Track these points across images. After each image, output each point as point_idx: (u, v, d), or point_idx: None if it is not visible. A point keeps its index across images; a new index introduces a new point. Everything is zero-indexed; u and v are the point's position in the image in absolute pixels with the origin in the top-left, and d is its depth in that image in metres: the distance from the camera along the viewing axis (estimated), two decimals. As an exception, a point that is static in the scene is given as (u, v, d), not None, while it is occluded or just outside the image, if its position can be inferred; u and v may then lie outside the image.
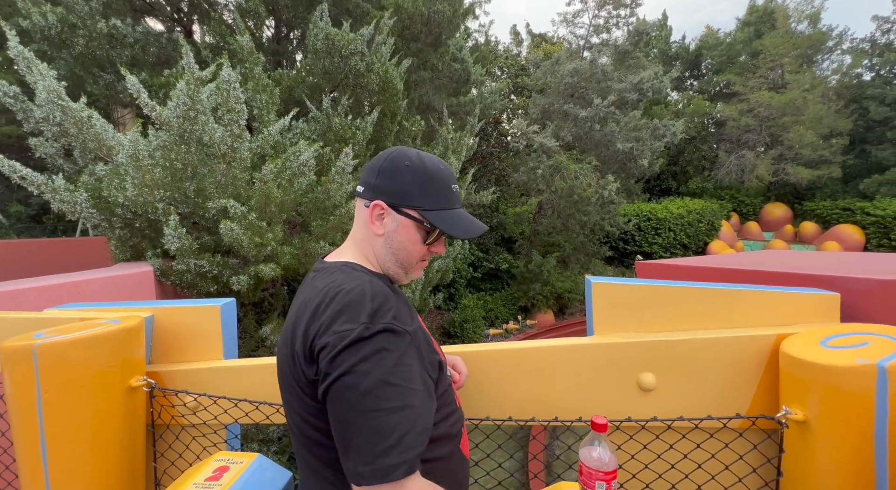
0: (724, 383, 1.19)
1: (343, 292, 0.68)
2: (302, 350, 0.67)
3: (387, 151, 0.80)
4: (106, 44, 5.09)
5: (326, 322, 0.65)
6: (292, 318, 0.72)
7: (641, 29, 11.62)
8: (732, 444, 1.12)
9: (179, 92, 3.47)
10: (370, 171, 0.79)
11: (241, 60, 4.83)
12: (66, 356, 1.07)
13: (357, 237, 0.82)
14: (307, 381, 0.67)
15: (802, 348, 1.04)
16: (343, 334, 0.63)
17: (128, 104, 6.12)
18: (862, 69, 16.03)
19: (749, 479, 1.11)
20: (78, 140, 3.74)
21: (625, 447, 1.18)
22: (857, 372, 0.91)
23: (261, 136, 4.22)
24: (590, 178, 9.96)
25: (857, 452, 0.92)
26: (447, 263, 7.36)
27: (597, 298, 1.31)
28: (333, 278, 0.72)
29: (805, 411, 0.99)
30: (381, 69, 5.49)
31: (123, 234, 3.96)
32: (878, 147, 14.81)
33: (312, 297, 0.70)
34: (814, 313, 1.21)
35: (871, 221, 12.76)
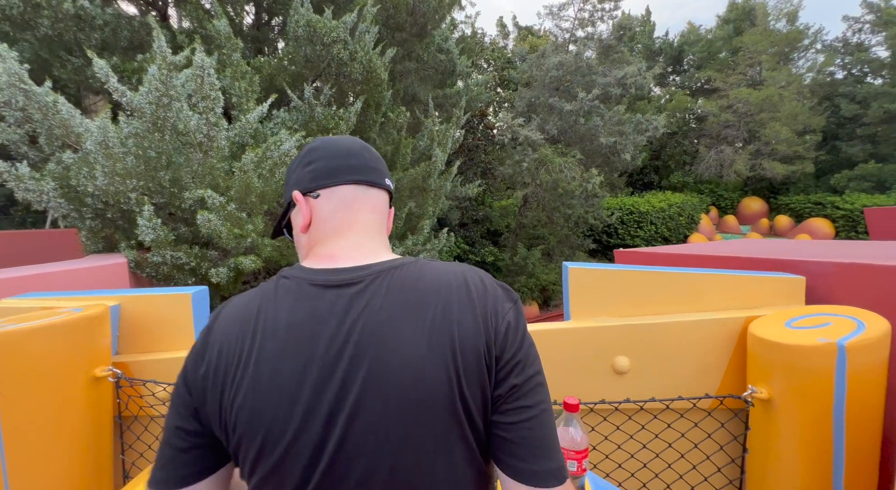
0: (695, 365, 1.22)
1: (476, 273, 0.59)
2: (484, 348, 0.51)
3: (358, 140, 0.71)
4: (73, 26, 4.85)
5: (500, 300, 0.56)
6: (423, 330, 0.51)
7: (625, 23, 11.71)
8: (702, 423, 1.15)
9: (151, 77, 3.34)
10: (383, 162, 0.70)
11: (218, 46, 4.67)
12: (23, 346, 1.02)
13: (384, 232, 0.68)
14: (483, 390, 0.51)
15: (768, 329, 1.07)
16: (514, 312, 0.56)
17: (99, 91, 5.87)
18: (835, 68, 16.55)
19: (716, 457, 1.14)
20: (43, 126, 3.57)
21: (599, 428, 1.20)
22: (818, 351, 0.94)
23: (239, 124, 4.11)
24: (574, 171, 10.05)
25: (817, 427, 0.96)
26: (433, 256, 7.35)
27: (573, 283, 1.32)
28: (437, 270, 0.58)
29: (770, 390, 1.03)
30: (364, 58, 5.39)
31: (94, 224, 3.82)
32: (848, 143, 15.38)
33: (449, 294, 0.54)
34: (780, 296, 1.25)
35: (841, 215, 13.28)
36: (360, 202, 0.64)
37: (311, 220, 0.64)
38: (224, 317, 0.56)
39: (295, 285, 0.56)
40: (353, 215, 0.63)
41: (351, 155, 0.65)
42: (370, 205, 0.65)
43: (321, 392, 0.49)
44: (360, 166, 0.65)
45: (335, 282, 0.55)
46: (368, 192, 0.65)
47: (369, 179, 0.65)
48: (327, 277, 0.56)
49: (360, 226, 0.63)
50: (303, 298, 0.54)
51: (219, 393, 0.51)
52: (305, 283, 0.56)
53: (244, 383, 0.50)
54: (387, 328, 0.51)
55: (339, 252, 0.60)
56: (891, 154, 14.33)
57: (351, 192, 0.64)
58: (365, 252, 0.61)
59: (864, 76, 16.20)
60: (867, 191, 13.97)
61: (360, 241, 0.62)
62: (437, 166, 6.44)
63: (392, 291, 0.54)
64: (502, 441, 0.51)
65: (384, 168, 0.69)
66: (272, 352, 0.51)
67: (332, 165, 0.64)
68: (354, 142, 0.68)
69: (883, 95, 14.41)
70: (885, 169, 13.95)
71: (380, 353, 0.49)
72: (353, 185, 0.64)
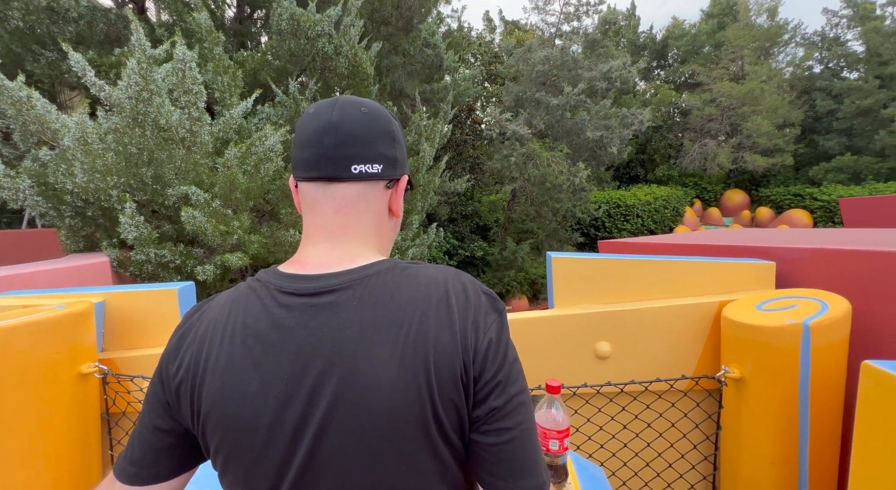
0: (673, 348, 1.27)
1: (460, 281, 0.54)
2: (461, 369, 0.48)
3: (378, 109, 0.58)
4: (46, 18, 4.70)
5: (483, 312, 0.51)
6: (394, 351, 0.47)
7: (610, 18, 11.80)
8: (679, 403, 1.20)
9: (131, 71, 3.27)
10: (386, 140, 0.56)
11: (199, 40, 4.57)
12: (6, 343, 1.01)
13: (369, 230, 0.57)
14: (459, 411, 0.48)
15: (740, 312, 1.12)
16: (498, 325, 0.52)
17: (76, 86, 5.70)
18: (813, 62, 16.95)
19: (693, 435, 1.20)
20: (17, 122, 3.46)
21: (582, 411, 1.25)
22: (785, 331, 1.00)
23: (223, 119, 4.05)
24: (561, 165, 10.14)
25: (785, 402, 1.02)
26: (423, 251, 7.36)
27: (556, 272, 1.36)
28: (415, 279, 0.52)
29: (742, 369, 1.08)
30: (349, 52, 5.33)
31: (74, 223, 3.73)
32: (825, 137, 15.81)
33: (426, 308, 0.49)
34: (752, 281, 1.30)
35: (819, 206, 13.69)
36: (322, 203, 0.55)
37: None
38: (200, 316, 0.54)
39: (265, 291, 0.52)
40: (316, 219, 0.56)
41: (306, 144, 0.54)
42: (333, 205, 0.55)
43: (286, 407, 0.47)
44: (315, 158, 0.53)
45: (303, 291, 0.50)
46: (330, 188, 0.54)
47: (327, 174, 0.53)
48: (296, 285, 0.51)
49: (324, 231, 0.55)
50: (271, 306, 0.50)
51: (189, 395, 0.50)
52: (276, 289, 0.51)
53: (212, 389, 0.48)
54: (357, 345, 0.47)
55: (307, 259, 0.55)
56: (865, 147, 14.78)
57: (312, 190, 0.55)
58: (336, 258, 0.54)
59: (841, 70, 16.63)
60: (843, 182, 14.41)
61: (329, 246, 0.55)
62: (426, 161, 6.44)
63: (364, 304, 0.49)
64: (481, 460, 0.50)
65: (360, 147, 0.54)
66: (237, 360, 0.48)
67: (295, 156, 0.56)
68: (321, 118, 0.54)
69: (856, 91, 14.83)
70: (860, 161, 14.39)
71: (348, 373, 0.46)
72: (312, 183, 0.55)
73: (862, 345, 1.07)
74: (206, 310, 0.55)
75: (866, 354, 1.04)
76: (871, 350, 1.08)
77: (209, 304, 0.56)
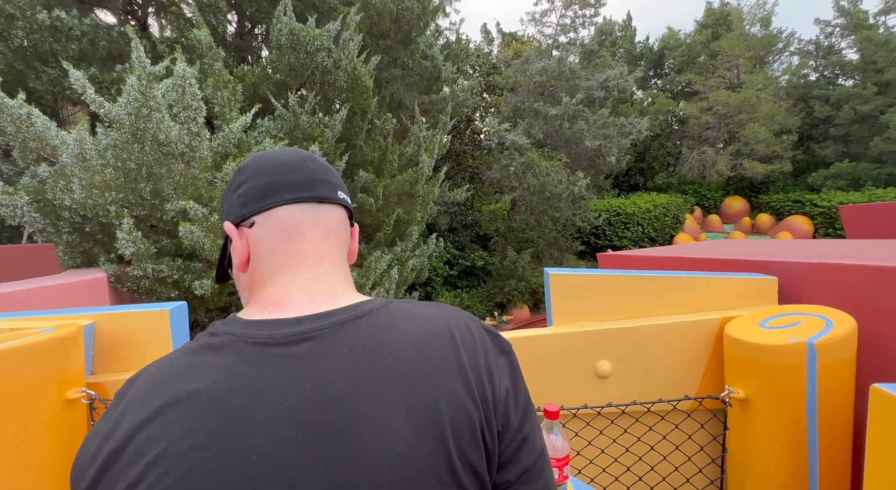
0: (675, 367, 1.24)
1: (462, 319, 0.49)
2: (483, 423, 0.42)
3: (301, 152, 0.57)
4: (49, 36, 4.77)
5: (492, 354, 0.47)
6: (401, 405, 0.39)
7: (606, 29, 11.96)
8: (682, 424, 1.17)
9: (131, 88, 3.29)
10: (334, 173, 0.57)
11: (200, 56, 4.63)
12: (-9, 369, 0.99)
13: (346, 264, 0.55)
14: (481, 477, 0.42)
15: (743, 330, 1.09)
16: (510, 368, 0.48)
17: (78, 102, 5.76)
18: (808, 70, 17.12)
19: (697, 458, 1.16)
20: (17, 139, 3.48)
21: (582, 433, 1.21)
22: (789, 350, 0.97)
23: (222, 134, 4.07)
24: (561, 174, 10.18)
25: (792, 424, 0.99)
26: (423, 262, 7.34)
27: (554, 289, 1.34)
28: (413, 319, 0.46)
29: (746, 389, 1.05)
30: (349, 66, 5.39)
31: (72, 238, 3.73)
32: (822, 144, 15.89)
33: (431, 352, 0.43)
34: (754, 296, 1.28)
35: (819, 212, 13.68)
36: (308, 225, 0.50)
37: (250, 256, 0.51)
38: (135, 392, 0.42)
39: (227, 345, 0.42)
40: (300, 244, 0.50)
41: (289, 168, 0.51)
42: (323, 227, 0.51)
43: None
44: (302, 180, 0.51)
45: (279, 338, 0.42)
46: (318, 210, 0.51)
47: (316, 194, 0.51)
48: (269, 332, 0.43)
49: (311, 257, 0.50)
50: (235, 364, 0.40)
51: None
52: (239, 341, 0.42)
53: (160, 484, 0.36)
54: (351, 404, 0.38)
55: (284, 296, 0.47)
56: (863, 153, 14.83)
57: (293, 213, 0.50)
58: (320, 294, 0.48)
59: (836, 78, 16.79)
60: (843, 188, 14.43)
61: (313, 277, 0.49)
62: (425, 172, 6.46)
63: (357, 351, 0.41)
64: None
65: (337, 180, 0.55)
66: (194, 440, 0.37)
67: (265, 183, 0.50)
68: (294, 152, 0.55)
69: (854, 97, 14.94)
70: (858, 167, 14.43)
71: (342, 441, 0.37)
72: (296, 205, 0.50)
73: (869, 363, 1.04)
74: (140, 383, 0.43)
75: (874, 373, 1.02)
76: (879, 369, 1.05)
77: (143, 374, 0.44)
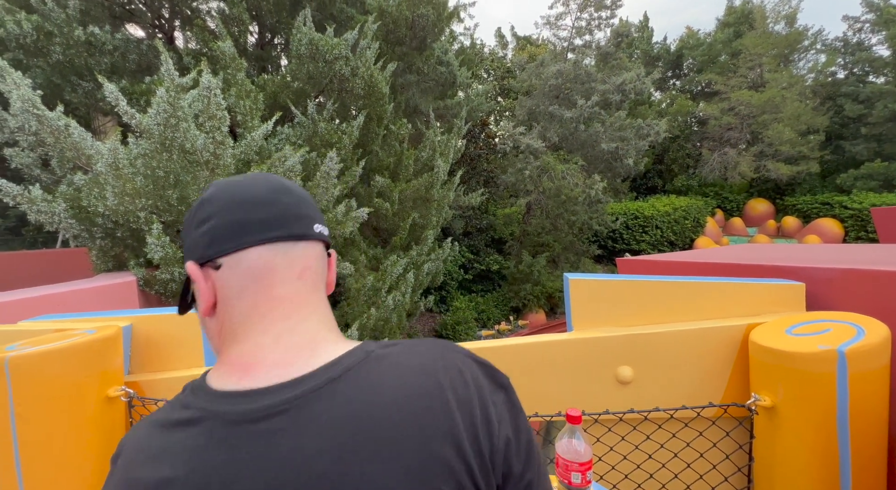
0: (698, 373, 1.22)
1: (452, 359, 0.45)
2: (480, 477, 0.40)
3: (274, 181, 0.51)
4: (84, 51, 5.02)
5: (488, 393, 0.44)
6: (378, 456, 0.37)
7: (622, 30, 11.85)
8: (706, 432, 1.15)
9: (160, 99, 3.44)
10: (310, 203, 0.52)
11: (223, 66, 4.80)
12: (39, 368, 1.06)
13: (326, 303, 0.51)
14: None
15: (769, 337, 1.07)
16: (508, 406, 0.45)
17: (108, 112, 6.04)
18: (836, 68, 16.54)
19: (723, 466, 1.14)
20: (55, 149, 3.67)
21: (604, 439, 1.20)
22: (818, 357, 0.95)
23: (244, 141, 4.20)
24: (576, 178, 10.09)
25: (822, 434, 0.96)
26: (438, 266, 7.38)
27: (574, 295, 1.34)
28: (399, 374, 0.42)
29: (773, 397, 1.03)
30: (365, 73, 5.50)
31: (105, 244, 3.90)
32: (853, 143, 15.28)
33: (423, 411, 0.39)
34: (781, 303, 1.25)
35: (849, 215, 13.13)
36: (282, 267, 0.46)
37: (217, 301, 0.46)
38: (115, 482, 0.40)
39: (197, 421, 0.40)
40: (272, 290, 0.45)
41: (260, 202, 0.46)
42: (298, 267, 0.47)
43: None
44: (275, 217, 0.46)
45: (251, 414, 0.39)
46: (293, 249, 0.47)
47: (293, 233, 0.47)
48: (240, 407, 0.39)
49: (285, 303, 0.45)
50: (206, 446, 0.38)
51: None
52: (209, 418, 0.40)
53: None
54: (333, 483, 0.35)
55: (255, 357, 0.43)
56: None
57: (266, 255, 0.45)
58: (295, 349, 0.44)
59: (866, 75, 16.17)
60: (875, 190, 13.82)
61: (287, 327, 0.44)
62: (440, 176, 6.51)
63: (336, 421, 0.38)
64: None
65: (314, 211, 0.50)
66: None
67: (234, 220, 0.45)
68: (265, 182, 0.49)
69: (887, 94, 14.34)
70: (891, 167, 13.81)
71: None
72: (269, 245, 0.45)
73: (904, 372, 1.01)
74: (116, 461, 0.42)
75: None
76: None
77: (120, 453, 0.42)
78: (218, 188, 0.48)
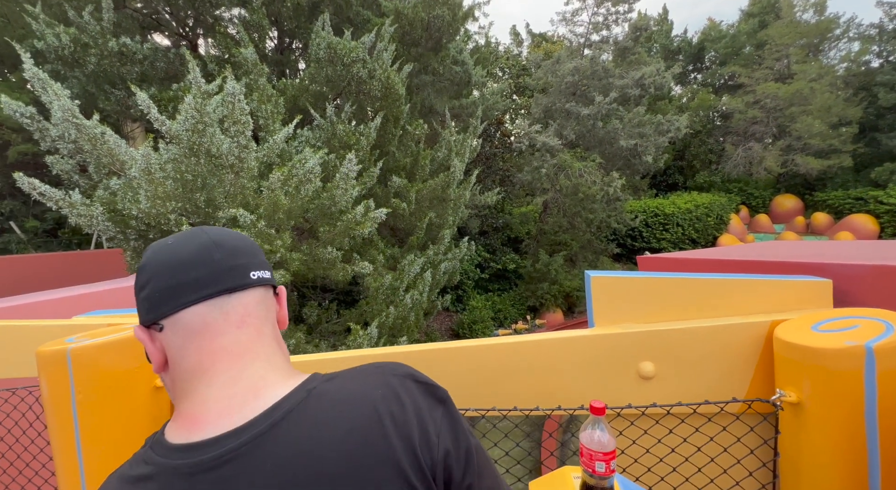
0: (721, 369, 1.22)
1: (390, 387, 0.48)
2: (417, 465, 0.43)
3: (203, 239, 0.52)
4: (117, 61, 5.27)
5: (425, 413, 0.47)
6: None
7: (641, 24, 11.62)
8: (730, 427, 1.15)
9: (187, 106, 3.59)
10: (260, 251, 0.57)
11: (245, 72, 4.96)
12: (96, 359, 1.15)
13: (273, 343, 0.53)
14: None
15: (795, 333, 1.07)
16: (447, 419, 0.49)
17: (137, 118, 6.31)
18: (870, 56, 15.79)
19: (747, 461, 1.14)
20: (92, 156, 3.87)
21: (626, 433, 1.22)
22: (845, 353, 0.95)
23: (266, 145, 4.33)
24: (594, 175, 9.96)
25: (849, 431, 0.96)
26: (454, 265, 7.42)
27: (596, 292, 1.36)
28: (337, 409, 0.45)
29: (799, 393, 1.03)
30: (382, 75, 5.58)
31: (138, 245, 4.09)
32: (889, 135, 14.55)
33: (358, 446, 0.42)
34: (806, 300, 1.24)
35: (885, 210, 12.53)
36: (219, 321, 0.48)
37: (168, 359, 0.50)
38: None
39: (156, 476, 0.43)
40: (213, 343, 0.48)
41: (190, 263, 0.49)
42: (236, 318, 0.49)
43: None
44: (206, 276, 0.48)
45: (202, 466, 0.41)
46: (228, 302, 0.49)
47: (226, 286, 0.49)
48: (191, 460, 0.42)
49: (227, 352, 0.48)
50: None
51: None
52: (165, 472, 0.42)
53: None
54: None
55: (201, 410, 0.46)
56: (937, 143, 13.48)
57: (201, 312, 0.48)
58: (239, 396, 0.46)
59: (903, 63, 15.39)
60: (913, 183, 13.14)
61: (230, 377, 0.47)
62: (456, 176, 6.55)
63: (280, 465, 0.40)
64: None
65: (249, 257, 0.52)
66: None
67: (167, 285, 0.48)
68: (195, 241, 0.51)
69: (926, 82, 13.62)
70: (931, 159, 13.11)
71: None
72: (203, 303, 0.48)
73: (937, 369, 0.99)
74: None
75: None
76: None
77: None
78: (152, 252, 0.51)
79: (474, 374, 1.33)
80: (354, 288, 6.50)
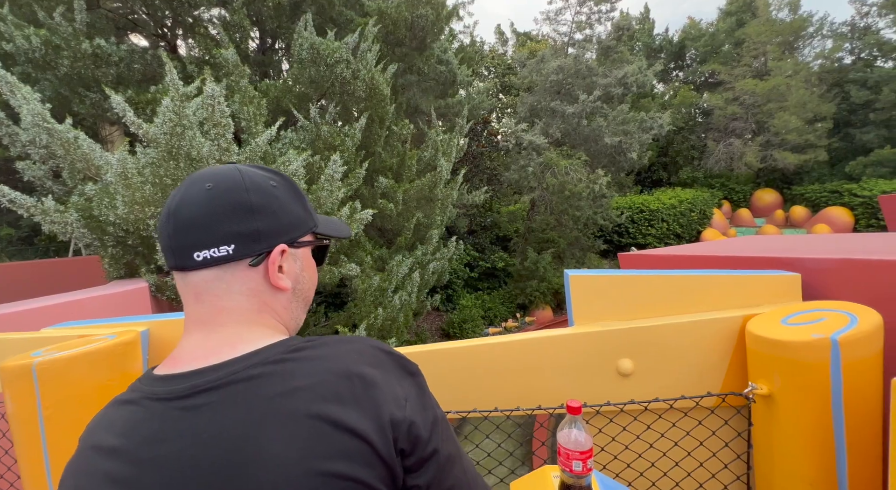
0: (697, 364, 1.24)
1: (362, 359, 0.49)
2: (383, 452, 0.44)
3: (229, 180, 0.52)
4: (91, 63, 5.12)
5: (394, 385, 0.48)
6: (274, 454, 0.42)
7: (623, 23, 11.77)
8: (706, 421, 1.18)
9: (165, 108, 3.51)
10: (237, 215, 0.50)
11: (226, 74, 4.87)
12: (65, 372, 1.11)
13: (248, 312, 0.52)
14: None
15: (765, 327, 1.10)
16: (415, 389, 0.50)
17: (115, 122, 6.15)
18: (843, 53, 16.28)
19: (723, 453, 1.17)
20: (66, 161, 3.77)
21: (606, 430, 1.24)
22: (812, 346, 0.97)
23: (249, 147, 4.26)
24: (580, 173, 10.06)
25: (817, 420, 0.99)
26: (443, 265, 7.42)
27: (574, 290, 1.37)
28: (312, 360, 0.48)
29: (770, 385, 1.06)
30: (367, 76, 5.55)
31: (116, 251, 3.99)
32: (862, 130, 15.04)
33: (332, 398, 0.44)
34: (777, 294, 1.27)
35: (859, 203, 12.95)
36: (183, 293, 0.52)
37: None
38: (80, 448, 0.48)
39: (137, 401, 0.47)
40: (185, 308, 0.53)
41: (159, 232, 0.53)
42: (192, 294, 0.51)
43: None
44: (164, 248, 0.52)
45: (175, 393, 0.45)
46: (186, 278, 0.51)
47: (174, 264, 0.51)
48: (168, 388, 0.46)
49: (193, 321, 0.52)
50: (143, 419, 0.45)
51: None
52: (145, 398, 0.47)
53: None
54: (244, 449, 0.41)
55: (180, 354, 0.51)
56: (907, 137, 13.97)
57: (176, 280, 0.53)
58: (212, 348, 0.49)
59: (874, 60, 15.90)
60: (885, 176, 13.60)
61: (203, 336, 0.50)
62: (443, 176, 6.54)
63: (251, 399, 0.43)
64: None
65: (202, 232, 0.49)
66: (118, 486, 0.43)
67: (160, 242, 0.53)
68: (171, 203, 0.51)
69: (895, 79, 14.09)
70: (901, 153, 13.58)
71: (238, 482, 0.41)
72: (174, 273, 0.52)
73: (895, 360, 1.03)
74: (87, 433, 0.49)
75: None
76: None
77: (91, 425, 0.50)
78: (172, 195, 0.54)
79: (457, 375, 1.33)
80: (342, 290, 6.44)
